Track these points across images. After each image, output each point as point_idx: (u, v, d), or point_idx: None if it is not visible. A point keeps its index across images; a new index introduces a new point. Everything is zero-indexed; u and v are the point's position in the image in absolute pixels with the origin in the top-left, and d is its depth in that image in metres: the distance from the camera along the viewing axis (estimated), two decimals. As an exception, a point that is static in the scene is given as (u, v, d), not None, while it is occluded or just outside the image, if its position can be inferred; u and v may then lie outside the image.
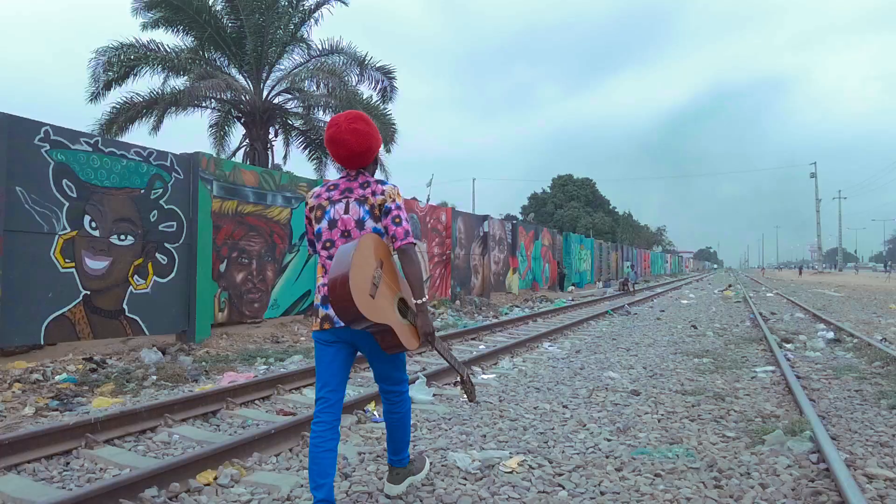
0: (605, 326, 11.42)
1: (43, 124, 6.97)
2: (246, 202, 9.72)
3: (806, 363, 7.21)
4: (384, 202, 2.52)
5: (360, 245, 2.35)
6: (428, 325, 2.54)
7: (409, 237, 2.51)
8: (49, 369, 6.36)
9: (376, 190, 2.55)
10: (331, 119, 2.65)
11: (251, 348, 8.46)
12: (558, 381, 5.89)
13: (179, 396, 4.67)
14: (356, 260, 2.29)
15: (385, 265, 2.46)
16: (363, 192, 2.55)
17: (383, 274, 2.43)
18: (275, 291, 10.24)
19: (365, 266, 2.33)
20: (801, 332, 10.08)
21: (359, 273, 2.27)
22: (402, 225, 2.51)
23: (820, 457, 3.38)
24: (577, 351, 8.10)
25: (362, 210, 2.54)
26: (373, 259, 2.39)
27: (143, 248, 8.03)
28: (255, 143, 17.84)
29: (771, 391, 5.46)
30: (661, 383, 5.79)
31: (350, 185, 2.60)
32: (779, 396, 5.23)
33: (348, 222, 2.54)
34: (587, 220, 62.82)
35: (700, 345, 8.75)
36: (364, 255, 2.35)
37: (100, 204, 7.54)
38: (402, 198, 2.62)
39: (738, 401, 5.02)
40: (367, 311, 2.27)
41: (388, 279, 2.46)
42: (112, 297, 7.67)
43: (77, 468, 3.41)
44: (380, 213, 2.53)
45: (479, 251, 18.46)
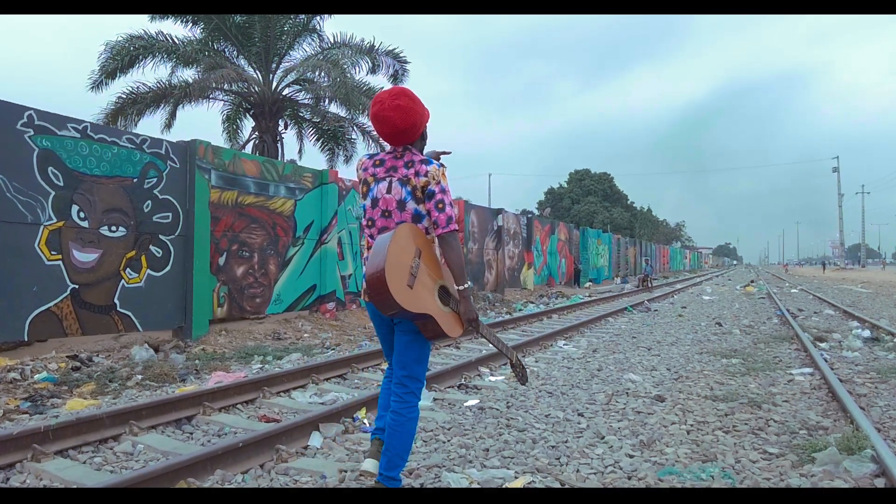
0: (623, 324, 10.85)
1: (26, 108, 6.59)
2: (247, 193, 9.30)
3: (845, 364, 6.61)
4: (427, 184, 2.45)
5: (395, 236, 2.33)
6: (471, 311, 2.50)
7: (451, 224, 2.45)
8: (28, 368, 5.98)
9: (420, 171, 2.47)
10: (375, 96, 2.57)
11: (250, 345, 8.05)
12: (573, 385, 5.37)
13: (151, 400, 4.24)
14: (392, 251, 2.28)
15: (424, 253, 2.42)
16: (406, 171, 2.49)
17: (422, 263, 2.40)
18: (277, 286, 9.83)
19: (402, 256, 2.32)
20: (835, 330, 9.43)
21: (395, 265, 2.28)
22: (444, 211, 2.44)
23: (888, 482, 2.83)
24: (595, 350, 7.56)
25: (404, 191, 2.48)
26: (411, 248, 2.37)
27: (135, 240, 7.64)
28: (264, 135, 17.47)
29: (812, 397, 4.89)
30: (688, 387, 5.24)
31: (395, 162, 2.54)
32: (822, 403, 4.66)
33: (390, 202, 2.50)
34: (605, 216, 61.89)
35: (727, 343, 8.16)
36: (401, 245, 2.33)
37: (89, 193, 7.16)
38: (446, 177, 2.51)
39: (776, 408, 4.46)
40: (406, 303, 2.28)
41: (427, 268, 2.43)
42: (102, 292, 7.29)
43: (17, 485, 2.98)
44: (422, 194, 2.47)
45: (492, 245, 17.93)
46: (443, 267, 2.56)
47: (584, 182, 68.71)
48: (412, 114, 2.47)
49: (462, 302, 2.51)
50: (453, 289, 2.53)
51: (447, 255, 2.46)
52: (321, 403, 4.71)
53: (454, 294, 2.53)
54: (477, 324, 2.55)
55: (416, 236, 2.43)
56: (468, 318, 2.51)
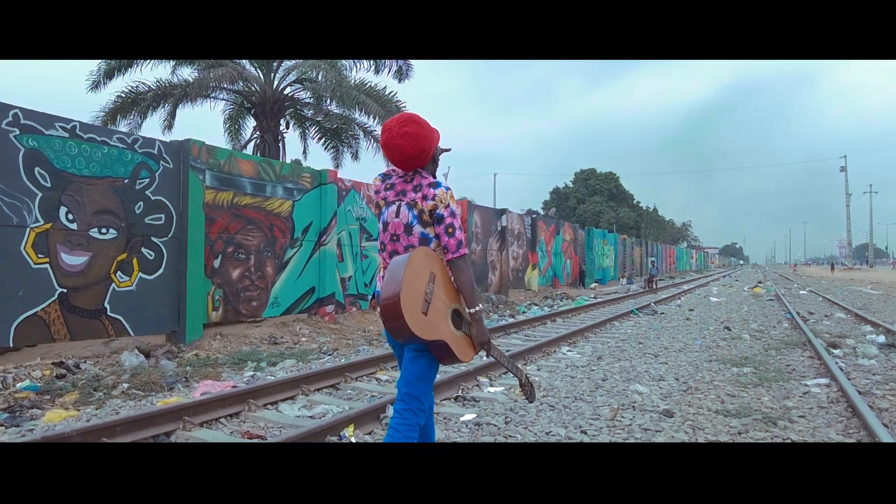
0: (629, 328, 10.58)
1: (11, 107, 6.38)
2: (243, 193, 9.08)
3: (861, 373, 6.34)
4: (435, 208, 2.45)
5: (410, 261, 2.32)
6: (483, 333, 2.51)
7: (461, 249, 2.46)
8: (11, 375, 5.77)
9: (427, 194, 2.47)
10: (384, 124, 2.57)
11: (245, 350, 7.83)
12: (577, 397, 5.11)
13: (128, 415, 4.01)
14: (407, 277, 2.28)
15: (438, 277, 2.42)
16: (414, 195, 2.50)
17: (436, 287, 2.40)
18: (275, 289, 9.61)
19: (416, 283, 2.32)
20: (847, 336, 9.14)
21: (410, 291, 2.28)
22: (454, 236, 2.45)
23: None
24: (599, 357, 7.30)
25: (411, 215, 2.49)
26: (425, 274, 2.37)
27: (127, 243, 7.43)
28: (265, 135, 17.26)
29: (830, 412, 4.62)
30: (698, 400, 4.98)
31: (405, 186, 2.55)
32: (842, 419, 4.39)
33: (398, 226, 2.52)
34: (611, 215, 61.52)
35: (737, 350, 7.89)
36: (416, 270, 2.33)
37: (77, 194, 6.95)
38: (454, 200, 2.51)
39: (793, 425, 4.20)
40: (420, 330, 2.28)
41: (441, 292, 2.42)
42: (92, 296, 7.08)
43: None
44: (430, 218, 2.47)
45: (496, 246, 17.67)
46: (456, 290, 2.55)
47: (590, 182, 68.29)
48: (420, 139, 2.47)
49: (474, 325, 2.50)
50: (465, 312, 2.53)
51: (457, 279, 2.47)
52: (310, 417, 4.48)
53: (466, 317, 2.52)
54: (489, 347, 2.53)
55: (431, 260, 2.42)
56: (479, 342, 2.50)
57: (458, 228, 2.47)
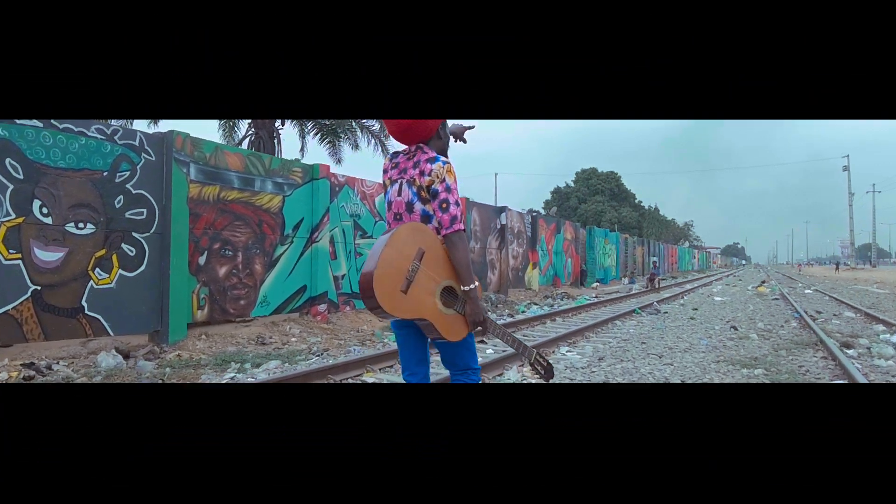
0: (632, 327, 10.22)
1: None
2: (230, 188, 8.74)
3: (879, 374, 5.99)
4: (431, 183, 2.38)
5: (392, 238, 2.28)
6: (477, 312, 2.41)
7: (455, 224, 2.37)
8: (-25, 378, 5.44)
9: (424, 169, 2.41)
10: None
11: (230, 351, 7.49)
12: (577, 400, 4.76)
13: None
14: (385, 255, 2.24)
15: (429, 254, 2.34)
16: (413, 172, 2.44)
17: (424, 264, 2.32)
18: (264, 287, 9.26)
19: (398, 260, 2.26)
20: (860, 335, 8.78)
21: (387, 269, 2.24)
22: (448, 211, 2.37)
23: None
24: (601, 358, 6.94)
25: (411, 192, 2.44)
26: (410, 250, 2.30)
27: (106, 238, 7.09)
28: (260, 131, 16.98)
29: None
30: (707, 404, 4.62)
31: (406, 163, 2.50)
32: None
33: (400, 205, 2.49)
34: (612, 215, 61.19)
35: (745, 350, 7.53)
36: (397, 248, 2.27)
37: (52, 187, 6.61)
38: (453, 174, 2.42)
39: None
40: (395, 309, 2.26)
41: (430, 269, 2.35)
42: (68, 294, 6.74)
43: None
44: (427, 194, 2.40)
45: (495, 245, 17.32)
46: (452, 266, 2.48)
47: (591, 181, 67.99)
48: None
49: (468, 303, 2.40)
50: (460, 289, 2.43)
51: (451, 255, 2.39)
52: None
53: (461, 295, 2.43)
54: (485, 325, 2.44)
55: (420, 236, 2.35)
56: (473, 321, 2.42)
57: (452, 203, 2.38)
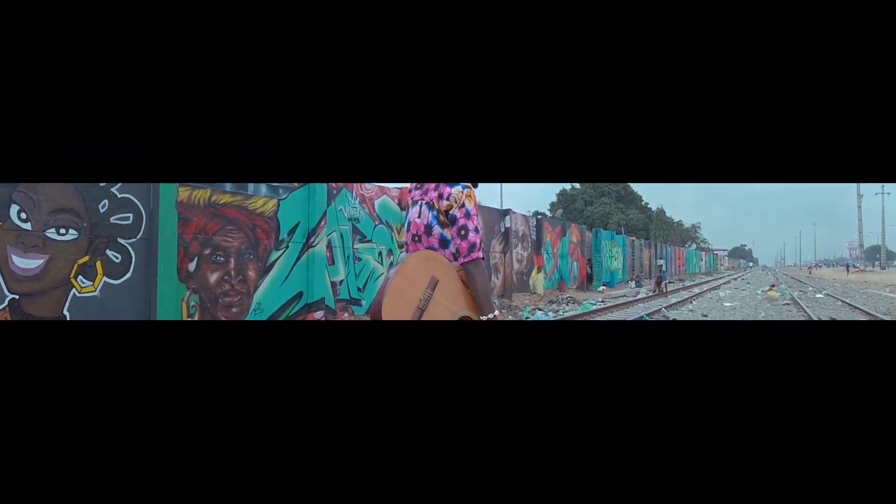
0: (639, 335, 9.86)
1: (-46, 94, 5.78)
2: (221, 191, 8.45)
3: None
4: (450, 208, 2.33)
5: (402, 267, 2.25)
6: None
7: (474, 252, 2.32)
8: (-57, 394, 5.15)
9: (444, 193, 2.35)
10: None
11: (219, 362, 7.19)
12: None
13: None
14: (395, 285, 2.21)
15: (443, 282, 2.28)
16: (433, 195, 2.39)
17: (437, 294, 2.26)
18: (258, 294, 8.96)
19: (408, 290, 2.22)
20: (878, 345, 8.38)
21: (397, 300, 2.20)
22: (467, 238, 2.32)
23: None
24: (607, 370, 6.59)
25: (430, 214, 2.39)
26: (422, 279, 2.24)
27: (89, 244, 6.81)
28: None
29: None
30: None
31: (428, 185, 2.45)
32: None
33: (419, 227, 2.44)
34: (620, 217, 60.73)
35: (758, 362, 7.16)
36: (408, 277, 2.24)
37: (31, 191, 6.33)
38: (474, 199, 2.36)
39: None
40: None
41: (445, 299, 2.29)
42: (49, 302, 6.46)
43: None
44: (446, 218, 2.35)
45: (499, 248, 17.00)
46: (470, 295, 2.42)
47: (598, 183, 67.53)
48: None
49: None
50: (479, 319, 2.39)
51: (470, 284, 2.33)
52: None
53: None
54: None
55: (433, 264, 2.29)
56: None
57: (471, 230, 2.32)
